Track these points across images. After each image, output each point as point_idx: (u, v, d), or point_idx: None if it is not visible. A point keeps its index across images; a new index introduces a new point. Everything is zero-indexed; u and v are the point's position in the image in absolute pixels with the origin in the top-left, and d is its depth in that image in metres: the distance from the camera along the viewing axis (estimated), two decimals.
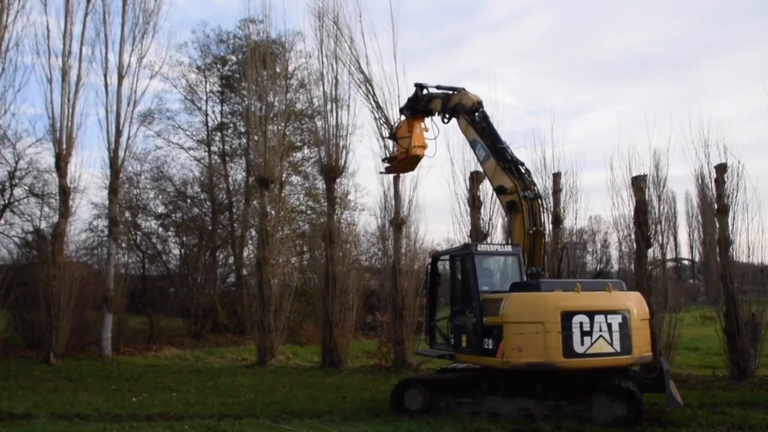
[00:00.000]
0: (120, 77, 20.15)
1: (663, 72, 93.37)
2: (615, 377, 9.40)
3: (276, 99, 20.73)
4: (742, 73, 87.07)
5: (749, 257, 15.02)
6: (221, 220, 28.72)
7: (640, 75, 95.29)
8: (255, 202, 23.54)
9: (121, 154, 20.15)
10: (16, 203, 23.30)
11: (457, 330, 10.35)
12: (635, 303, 9.60)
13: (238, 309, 25.98)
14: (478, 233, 16.94)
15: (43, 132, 23.19)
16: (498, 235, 17.74)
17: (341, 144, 18.48)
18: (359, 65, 17.72)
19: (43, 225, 22.79)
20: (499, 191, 10.95)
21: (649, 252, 15.38)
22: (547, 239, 11.26)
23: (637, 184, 15.49)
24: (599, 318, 9.07)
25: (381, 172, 15.63)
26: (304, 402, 11.63)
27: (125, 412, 10.54)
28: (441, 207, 76.23)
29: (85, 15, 19.80)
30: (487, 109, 11.78)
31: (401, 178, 17.72)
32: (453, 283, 10.99)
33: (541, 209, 10.64)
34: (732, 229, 14.92)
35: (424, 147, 13.22)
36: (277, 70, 21.64)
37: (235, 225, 28.28)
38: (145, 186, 28.23)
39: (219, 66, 28.80)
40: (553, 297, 9.17)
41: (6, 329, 20.06)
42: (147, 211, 28.03)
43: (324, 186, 19.35)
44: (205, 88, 29.03)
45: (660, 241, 15.60)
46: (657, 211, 15.65)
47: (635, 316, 9.35)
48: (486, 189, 17.03)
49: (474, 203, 17.22)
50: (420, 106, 12.91)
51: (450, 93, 12.28)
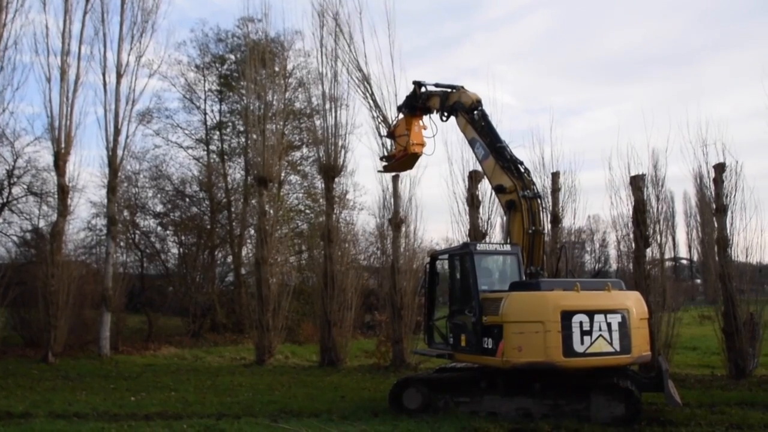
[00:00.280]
0: (119, 76, 20.10)
1: (662, 71, 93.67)
2: (614, 376, 9.40)
3: (275, 98, 20.75)
4: (740, 73, 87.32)
5: (747, 257, 15.07)
6: (220, 219, 28.67)
7: (638, 74, 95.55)
8: (253, 201, 23.53)
9: (120, 152, 20.10)
10: (14, 202, 23.28)
11: (456, 329, 10.34)
12: (634, 302, 9.62)
13: (236, 308, 25.96)
14: (476, 232, 16.92)
15: (42, 130, 23.07)
16: (497, 235, 17.73)
17: (340, 143, 18.49)
18: (358, 63, 17.69)
19: (42, 224, 22.72)
20: (498, 190, 10.94)
21: (648, 251, 15.39)
22: (546, 239, 11.24)
23: (636, 183, 15.48)
24: (599, 317, 9.08)
25: (379, 170, 15.56)
26: (302, 401, 11.62)
27: (123, 411, 10.52)
28: (439, 206, 76.18)
29: (84, 14, 19.78)
30: (486, 108, 11.74)
31: (400, 177, 17.71)
32: (452, 283, 10.97)
33: (540, 208, 10.63)
34: (730, 229, 14.92)
35: (422, 145, 13.14)
36: (276, 68, 21.59)
37: (234, 224, 28.23)
38: (144, 185, 28.22)
39: (218, 65, 28.76)
40: (553, 296, 9.18)
41: (4, 328, 20.01)
42: (145, 210, 28.00)
43: (323, 185, 19.31)
44: (204, 86, 29.01)
45: (658, 241, 15.62)
46: (655, 211, 15.67)
47: (634, 315, 9.36)
48: (485, 188, 17.01)
49: (473, 202, 17.19)
50: (418, 103, 12.85)
51: (449, 91, 12.24)
